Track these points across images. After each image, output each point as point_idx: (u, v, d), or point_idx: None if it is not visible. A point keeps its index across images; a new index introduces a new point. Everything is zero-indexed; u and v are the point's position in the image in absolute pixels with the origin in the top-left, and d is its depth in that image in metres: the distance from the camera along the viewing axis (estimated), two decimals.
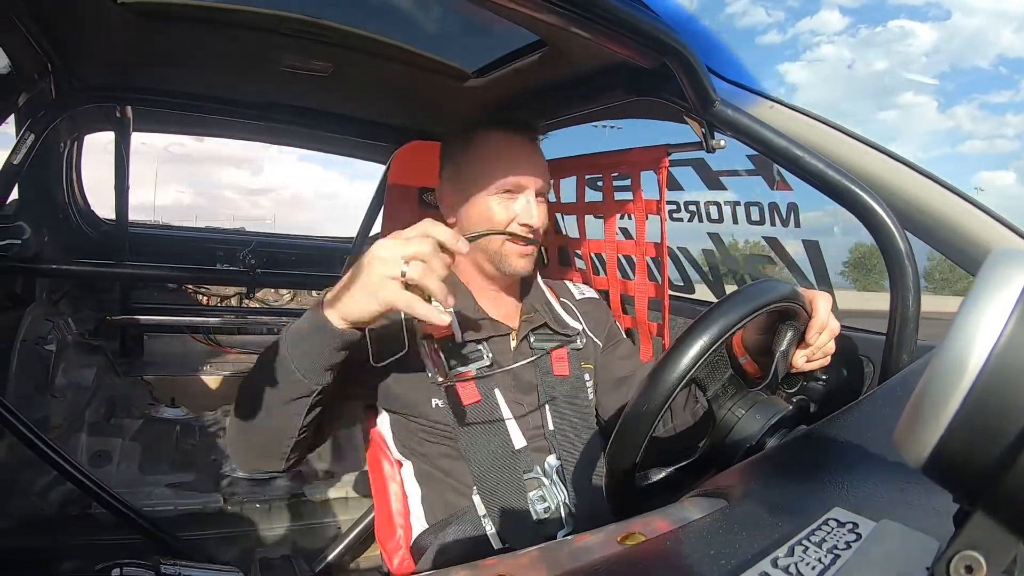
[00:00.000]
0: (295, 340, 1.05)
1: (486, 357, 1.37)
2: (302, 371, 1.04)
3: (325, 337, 1.03)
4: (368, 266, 0.97)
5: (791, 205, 1.60)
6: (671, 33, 1.23)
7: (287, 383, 1.06)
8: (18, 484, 2.29)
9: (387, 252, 0.97)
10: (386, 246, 0.97)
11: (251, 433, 1.15)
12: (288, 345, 1.05)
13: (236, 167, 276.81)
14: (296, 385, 1.06)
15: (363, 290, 0.98)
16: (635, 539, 0.65)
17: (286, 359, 1.05)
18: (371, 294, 0.97)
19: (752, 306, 0.97)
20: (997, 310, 0.37)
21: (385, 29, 1.74)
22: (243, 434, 1.16)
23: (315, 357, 1.05)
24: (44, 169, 2.84)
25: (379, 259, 0.97)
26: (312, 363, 1.05)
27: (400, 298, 0.96)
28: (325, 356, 1.05)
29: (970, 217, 1.21)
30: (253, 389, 1.09)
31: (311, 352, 1.04)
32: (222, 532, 2.50)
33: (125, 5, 1.53)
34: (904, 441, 0.41)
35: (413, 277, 0.95)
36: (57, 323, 2.72)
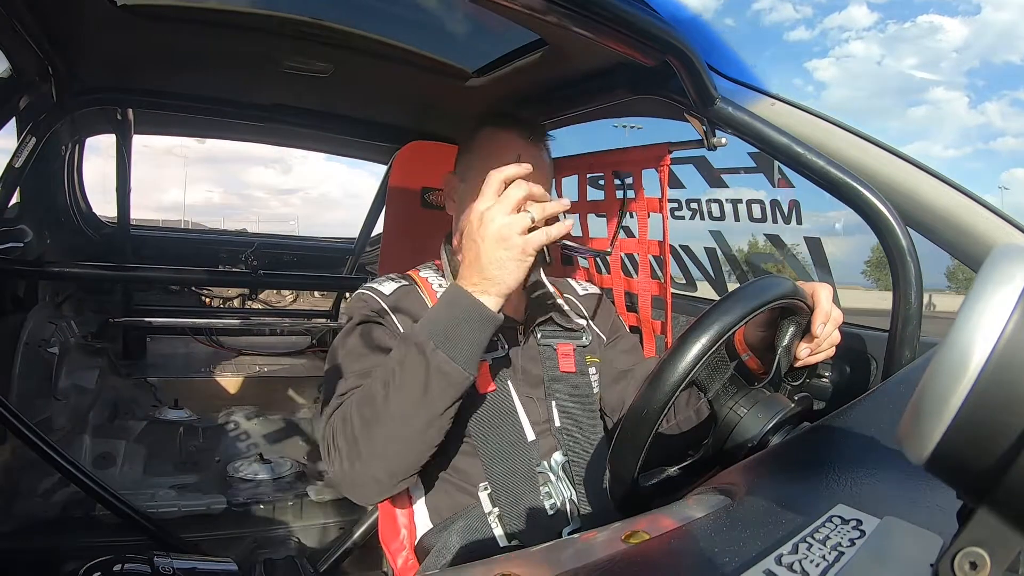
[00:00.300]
0: (447, 340, 1.06)
1: (500, 348, 1.38)
2: (462, 364, 1.06)
3: (485, 323, 1.07)
4: (498, 238, 1.04)
5: (793, 203, 1.60)
6: (671, 31, 1.23)
7: (447, 385, 1.06)
8: (22, 486, 2.29)
9: (503, 215, 1.04)
10: (495, 213, 1.04)
11: (392, 456, 1.12)
12: (440, 347, 1.05)
13: (265, 166, 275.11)
14: (458, 382, 1.07)
15: (511, 258, 1.04)
16: (639, 537, 0.65)
17: (442, 364, 1.05)
18: (519, 256, 1.04)
19: (753, 304, 0.97)
20: (999, 306, 0.37)
21: (386, 30, 1.74)
22: (377, 459, 1.12)
23: (475, 346, 1.07)
24: (46, 172, 2.83)
25: (503, 225, 1.03)
26: (471, 353, 1.07)
27: (540, 237, 1.05)
28: (482, 342, 1.08)
29: (973, 213, 1.21)
30: (395, 411, 1.07)
31: (470, 342, 1.06)
32: (226, 533, 2.51)
33: (126, 8, 1.53)
34: (907, 438, 0.41)
35: (537, 216, 1.06)
36: (60, 325, 2.72)
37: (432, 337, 1.06)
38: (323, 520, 2.68)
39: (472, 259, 1.07)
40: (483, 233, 1.04)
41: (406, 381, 1.06)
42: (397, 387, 1.07)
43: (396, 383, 1.07)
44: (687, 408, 1.41)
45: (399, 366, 1.08)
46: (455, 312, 1.07)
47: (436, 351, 1.05)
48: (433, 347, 1.05)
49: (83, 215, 3.21)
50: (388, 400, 1.07)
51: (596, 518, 1.33)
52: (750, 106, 1.36)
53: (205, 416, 3.13)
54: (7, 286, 2.47)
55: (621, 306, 1.83)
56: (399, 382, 1.07)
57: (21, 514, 2.25)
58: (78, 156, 3.12)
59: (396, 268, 1.53)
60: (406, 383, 1.06)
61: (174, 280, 3.33)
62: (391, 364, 1.10)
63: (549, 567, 0.64)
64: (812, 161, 1.27)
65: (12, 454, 2.25)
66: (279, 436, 3.16)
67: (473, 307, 1.06)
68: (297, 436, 3.21)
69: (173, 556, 1.50)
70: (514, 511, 1.28)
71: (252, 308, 3.80)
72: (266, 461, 2.85)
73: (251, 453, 2.91)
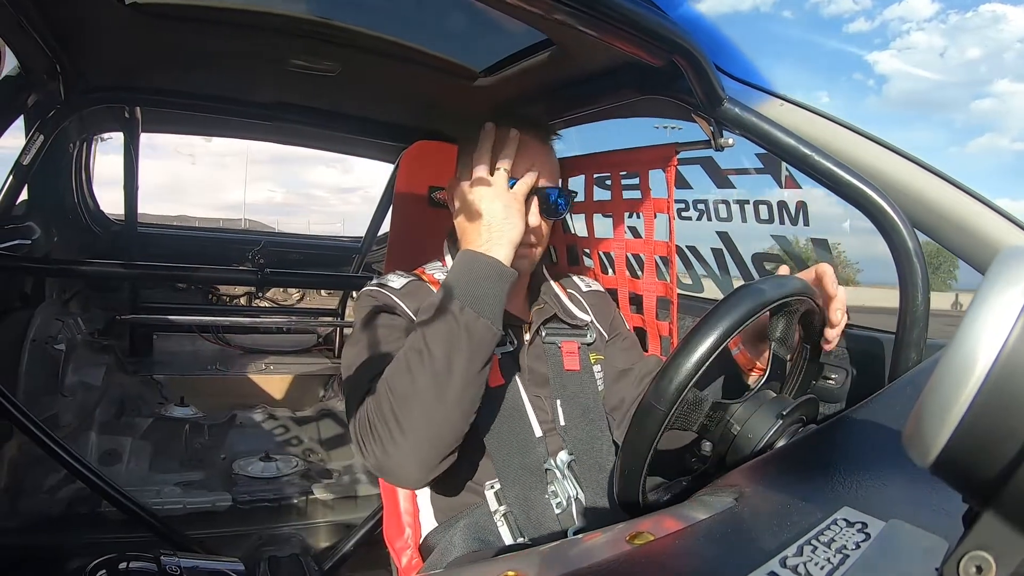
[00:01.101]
0: (468, 298, 1.12)
1: (508, 343, 1.39)
2: (490, 318, 1.12)
3: (502, 277, 1.16)
4: (491, 196, 1.22)
5: (800, 203, 1.60)
6: (679, 31, 1.22)
7: (479, 342, 1.11)
8: (28, 483, 2.30)
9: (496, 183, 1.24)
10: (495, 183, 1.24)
11: (431, 430, 1.10)
12: (468, 304, 1.11)
13: (327, 166, 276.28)
14: (489, 339, 1.12)
15: (510, 213, 1.21)
16: (644, 538, 0.65)
17: (470, 321, 1.10)
18: (516, 209, 1.23)
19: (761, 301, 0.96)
20: (1006, 309, 0.37)
21: (393, 29, 1.74)
22: (415, 437, 1.09)
23: (498, 301, 1.14)
24: (53, 169, 2.85)
25: (494, 187, 1.23)
26: (496, 308, 1.14)
27: (521, 187, 1.28)
28: (503, 297, 1.16)
29: (980, 215, 1.20)
30: (425, 382, 1.08)
31: (492, 297, 1.14)
32: (231, 530, 2.51)
33: (133, 6, 1.53)
34: (913, 441, 0.40)
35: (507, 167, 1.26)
36: (67, 322, 2.74)
37: (457, 297, 1.11)
38: (328, 518, 2.68)
39: (473, 223, 1.21)
40: (478, 195, 1.21)
41: (438, 346, 1.09)
42: (430, 354, 1.08)
43: (429, 351, 1.09)
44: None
45: (429, 333, 1.10)
46: (474, 271, 1.14)
47: (465, 309, 1.10)
48: (460, 306, 1.10)
49: (90, 212, 3.23)
50: (422, 368, 1.08)
51: (601, 518, 1.33)
52: (757, 107, 1.36)
53: (211, 413, 3.14)
54: (14, 283, 2.49)
55: (626, 307, 1.83)
56: (432, 349, 1.09)
57: (27, 511, 2.26)
58: (86, 154, 3.14)
59: (403, 267, 1.53)
60: (438, 348, 1.09)
61: (181, 278, 3.33)
62: (419, 335, 1.12)
63: (554, 567, 0.64)
64: (819, 162, 1.26)
65: (19, 450, 2.27)
66: (285, 434, 3.16)
67: (489, 263, 1.15)
68: (303, 434, 3.21)
69: (179, 555, 1.50)
70: (521, 509, 1.28)
71: (259, 306, 3.81)
72: (271, 459, 2.86)
73: (257, 451, 2.91)
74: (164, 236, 3.62)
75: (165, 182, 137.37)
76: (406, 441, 1.09)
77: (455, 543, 1.26)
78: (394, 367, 1.13)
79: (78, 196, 3.14)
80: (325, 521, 2.68)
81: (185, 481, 2.67)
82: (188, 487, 2.62)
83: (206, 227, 4.33)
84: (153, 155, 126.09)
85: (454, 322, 1.08)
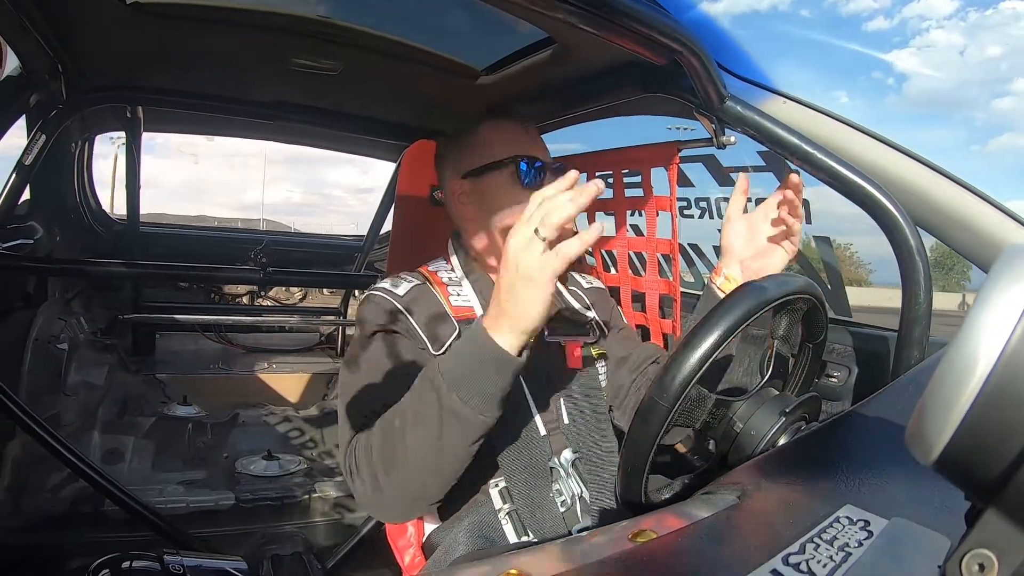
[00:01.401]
0: (460, 382, 0.98)
1: None
2: (480, 410, 0.99)
3: (504, 368, 0.97)
4: (515, 265, 0.92)
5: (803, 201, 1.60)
6: (681, 29, 1.22)
7: (464, 429, 1.00)
8: (31, 482, 2.31)
9: (520, 238, 0.92)
10: (515, 235, 0.92)
11: (416, 487, 1.09)
12: (453, 389, 0.98)
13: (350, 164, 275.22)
14: (476, 427, 1.00)
15: (528, 289, 0.92)
16: (647, 536, 0.65)
17: (455, 406, 0.98)
18: (538, 284, 0.91)
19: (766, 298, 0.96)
20: (1009, 306, 0.37)
21: (394, 28, 1.74)
22: (401, 490, 1.09)
23: (493, 392, 0.99)
24: (55, 169, 2.85)
25: (518, 249, 0.92)
26: (488, 397, 0.99)
27: (552, 261, 0.90)
28: (504, 387, 0.99)
29: (983, 213, 1.20)
30: (413, 447, 1.04)
31: (488, 387, 0.98)
32: (234, 529, 2.51)
33: (135, 6, 1.53)
34: (915, 438, 0.40)
35: (549, 234, 0.90)
36: (69, 322, 2.74)
37: (446, 377, 1.00)
38: (331, 517, 2.68)
39: (495, 297, 0.97)
40: (504, 261, 0.94)
41: (422, 420, 1.03)
42: (413, 425, 1.03)
43: (412, 421, 1.04)
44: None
45: (416, 403, 1.05)
46: (472, 351, 0.99)
47: (450, 393, 0.98)
48: (447, 388, 0.99)
49: (92, 212, 3.23)
50: (405, 438, 1.04)
51: (606, 516, 1.33)
52: (760, 104, 1.36)
53: (214, 412, 3.14)
54: (17, 282, 2.49)
55: (628, 304, 1.83)
56: (416, 420, 1.03)
57: (30, 510, 2.27)
58: (88, 153, 3.14)
59: (405, 266, 1.53)
60: (422, 422, 1.02)
61: (183, 277, 3.34)
62: (409, 399, 1.07)
63: (557, 565, 0.64)
64: (821, 160, 1.27)
65: (21, 450, 2.27)
66: (287, 433, 3.16)
67: (489, 348, 0.97)
68: (305, 433, 3.21)
69: (182, 554, 1.50)
70: (526, 508, 1.28)
71: (261, 305, 3.81)
72: (274, 458, 2.86)
73: (259, 449, 2.92)
74: (166, 235, 3.62)
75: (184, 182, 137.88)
76: (388, 494, 1.10)
77: (459, 541, 1.26)
78: (384, 425, 1.10)
79: (80, 196, 3.14)
80: (328, 519, 2.68)
81: (188, 480, 2.67)
82: (191, 486, 2.62)
83: (208, 226, 4.32)
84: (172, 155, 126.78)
85: (437, 402, 1.00)
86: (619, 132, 1.98)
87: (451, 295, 1.40)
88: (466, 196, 1.46)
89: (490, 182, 1.43)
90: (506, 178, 1.41)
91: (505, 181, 1.41)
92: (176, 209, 47.12)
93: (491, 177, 1.42)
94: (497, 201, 1.42)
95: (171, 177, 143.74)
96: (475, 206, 1.46)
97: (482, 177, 1.43)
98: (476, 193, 1.45)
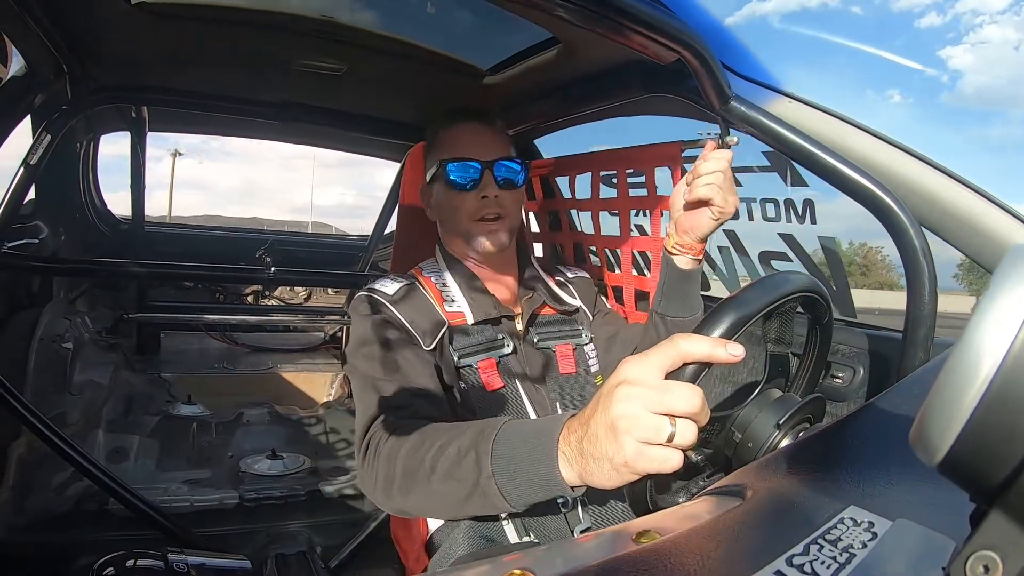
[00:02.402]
0: (505, 474, 0.94)
1: (507, 346, 1.40)
2: (511, 503, 0.95)
3: (554, 489, 0.91)
4: (618, 429, 0.78)
5: (807, 201, 1.60)
6: (685, 29, 1.22)
7: (489, 506, 0.98)
8: (36, 480, 2.31)
9: (643, 410, 0.77)
10: (637, 400, 0.77)
11: (425, 511, 1.17)
12: (495, 476, 0.94)
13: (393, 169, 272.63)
14: (501, 509, 0.98)
15: (614, 466, 0.79)
16: (650, 537, 0.65)
17: (490, 490, 0.95)
18: (626, 470, 0.79)
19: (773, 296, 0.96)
20: (1015, 307, 0.37)
21: (398, 27, 1.74)
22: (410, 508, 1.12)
23: (530, 495, 0.94)
24: (60, 169, 2.86)
25: (633, 420, 0.77)
26: (525, 499, 0.95)
27: (662, 466, 0.77)
28: (544, 499, 0.94)
29: (988, 213, 1.20)
30: (436, 490, 1.03)
31: (527, 491, 0.93)
32: (238, 528, 2.51)
33: (140, 5, 1.53)
34: (920, 440, 0.40)
35: (682, 443, 0.77)
36: (74, 321, 2.74)
37: (494, 461, 0.95)
38: (335, 516, 2.68)
39: (584, 426, 0.84)
40: (608, 407, 0.80)
41: (453, 477, 1.00)
42: (443, 477, 1.01)
43: (443, 473, 1.01)
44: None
45: (454, 463, 1.00)
46: (531, 457, 0.92)
47: (489, 480, 0.95)
48: (489, 473, 0.95)
49: (97, 212, 3.24)
50: (431, 481, 1.02)
51: (607, 516, 1.33)
52: (765, 105, 1.35)
53: (218, 412, 3.15)
54: (22, 282, 2.50)
55: (631, 304, 1.83)
56: (447, 475, 1.00)
57: (35, 508, 2.27)
58: (93, 153, 3.15)
59: (408, 265, 1.55)
60: (453, 478, 1.00)
61: (187, 276, 3.35)
62: (449, 452, 1.01)
63: (559, 565, 0.64)
64: (826, 160, 1.26)
65: (26, 448, 2.27)
66: (292, 432, 3.17)
67: (547, 470, 0.89)
68: (310, 432, 3.22)
69: (187, 553, 1.51)
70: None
71: (266, 305, 3.82)
72: (279, 457, 2.86)
73: (264, 449, 2.92)
74: (171, 235, 3.64)
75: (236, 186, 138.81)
76: (400, 504, 1.12)
77: (461, 541, 1.26)
78: (420, 447, 1.06)
79: (85, 195, 3.15)
80: (332, 519, 2.68)
81: (192, 479, 2.68)
82: (195, 485, 2.62)
83: (213, 226, 4.33)
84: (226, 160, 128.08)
85: (476, 476, 0.96)
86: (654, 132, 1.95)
87: (437, 288, 1.45)
88: (428, 201, 1.56)
89: (435, 187, 1.51)
90: (443, 182, 1.45)
91: (442, 185, 1.46)
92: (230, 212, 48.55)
93: (435, 182, 1.50)
94: (440, 205, 1.51)
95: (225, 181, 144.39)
96: (434, 211, 1.55)
97: (432, 182, 1.52)
98: (429, 196, 1.55)
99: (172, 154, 31.55)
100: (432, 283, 1.46)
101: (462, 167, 1.42)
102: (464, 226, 1.45)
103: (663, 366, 0.78)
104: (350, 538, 2.50)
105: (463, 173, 1.42)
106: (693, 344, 0.79)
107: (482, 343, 1.39)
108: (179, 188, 13.92)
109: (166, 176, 35.07)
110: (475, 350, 1.37)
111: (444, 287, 1.46)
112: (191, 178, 33.93)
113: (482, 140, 1.47)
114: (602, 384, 0.89)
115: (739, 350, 0.78)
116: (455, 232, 1.49)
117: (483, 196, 1.42)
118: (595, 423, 0.81)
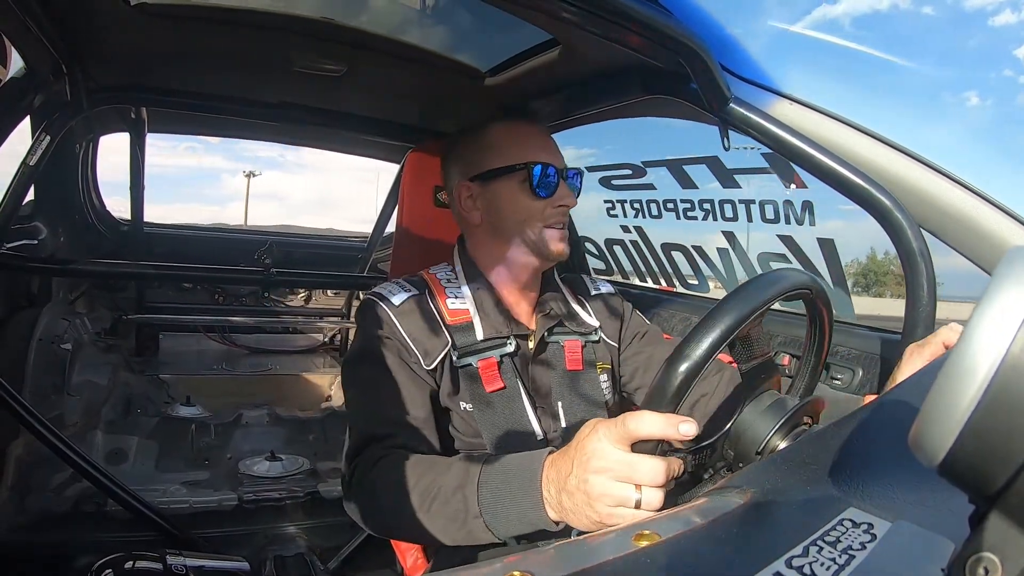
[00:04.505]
0: (491, 509, 0.99)
1: (509, 345, 1.38)
2: (495, 535, 1.00)
3: (536, 525, 0.96)
4: (591, 495, 0.85)
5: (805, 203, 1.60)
6: (685, 32, 1.22)
7: (473, 539, 1.03)
8: (35, 481, 2.31)
9: (611, 482, 0.84)
10: (606, 474, 0.84)
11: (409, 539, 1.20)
12: (482, 515, 0.99)
13: None
14: (483, 536, 1.02)
15: (590, 520, 0.87)
16: (649, 539, 0.65)
17: (476, 528, 1.01)
18: (601, 524, 0.86)
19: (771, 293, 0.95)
20: (1013, 308, 0.37)
21: (398, 29, 1.74)
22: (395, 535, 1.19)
23: (516, 529, 0.99)
24: (60, 170, 2.86)
25: (603, 488, 0.84)
26: (511, 532, 1.00)
27: (636, 518, 0.82)
28: (525, 530, 0.98)
29: (986, 215, 1.20)
30: (423, 523, 1.06)
31: (512, 523, 0.98)
32: (237, 529, 2.52)
33: (139, 6, 1.53)
34: (919, 441, 0.40)
35: (650, 507, 0.83)
36: (73, 322, 2.75)
37: (481, 498, 1.00)
38: (334, 517, 2.68)
39: (562, 479, 0.91)
40: (582, 475, 0.87)
41: (441, 514, 1.04)
42: (429, 515, 1.05)
43: (430, 510, 1.05)
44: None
45: (442, 501, 1.04)
46: (516, 497, 0.97)
47: (477, 519, 1.00)
48: (476, 512, 1.00)
49: (97, 213, 3.24)
50: (417, 516, 1.06)
51: None
52: (766, 107, 1.35)
53: (217, 413, 3.15)
54: (21, 283, 2.50)
55: None
56: (434, 513, 1.05)
57: (34, 509, 2.27)
58: (92, 154, 3.15)
59: (408, 267, 1.53)
60: (441, 515, 1.04)
61: (187, 277, 3.35)
62: (437, 492, 1.05)
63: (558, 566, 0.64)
64: (825, 163, 1.26)
65: (25, 449, 2.27)
66: (291, 434, 3.17)
67: (536, 512, 0.95)
68: (308, 434, 3.22)
69: (185, 554, 1.51)
70: None
71: (265, 306, 3.81)
72: (277, 458, 2.86)
73: (262, 450, 2.92)
74: (170, 236, 3.63)
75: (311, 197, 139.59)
76: (385, 530, 1.19)
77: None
78: (407, 480, 1.10)
79: (84, 196, 3.15)
80: (331, 520, 2.68)
81: (191, 480, 2.68)
82: (194, 486, 2.63)
83: (212, 227, 4.32)
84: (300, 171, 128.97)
85: (464, 519, 1.01)
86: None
87: (448, 298, 1.40)
88: (472, 200, 1.44)
89: (500, 187, 1.40)
90: (517, 184, 1.39)
91: (516, 187, 1.39)
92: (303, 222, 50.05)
93: (501, 182, 1.40)
94: (506, 207, 1.40)
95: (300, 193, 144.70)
96: (481, 211, 1.44)
97: (491, 181, 1.41)
98: (484, 197, 1.43)
99: (247, 175, 31.68)
100: (443, 291, 1.41)
101: (547, 172, 1.37)
102: (534, 233, 1.39)
103: (627, 440, 0.84)
104: (349, 540, 2.50)
105: (547, 179, 1.38)
106: (645, 426, 0.83)
107: (484, 344, 1.37)
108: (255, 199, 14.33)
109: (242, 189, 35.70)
110: (476, 349, 1.36)
111: (457, 297, 1.41)
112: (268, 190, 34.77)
113: (551, 146, 1.43)
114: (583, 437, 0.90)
115: (691, 429, 0.83)
116: (511, 236, 1.42)
117: (560, 205, 1.39)
118: (571, 483, 0.88)
